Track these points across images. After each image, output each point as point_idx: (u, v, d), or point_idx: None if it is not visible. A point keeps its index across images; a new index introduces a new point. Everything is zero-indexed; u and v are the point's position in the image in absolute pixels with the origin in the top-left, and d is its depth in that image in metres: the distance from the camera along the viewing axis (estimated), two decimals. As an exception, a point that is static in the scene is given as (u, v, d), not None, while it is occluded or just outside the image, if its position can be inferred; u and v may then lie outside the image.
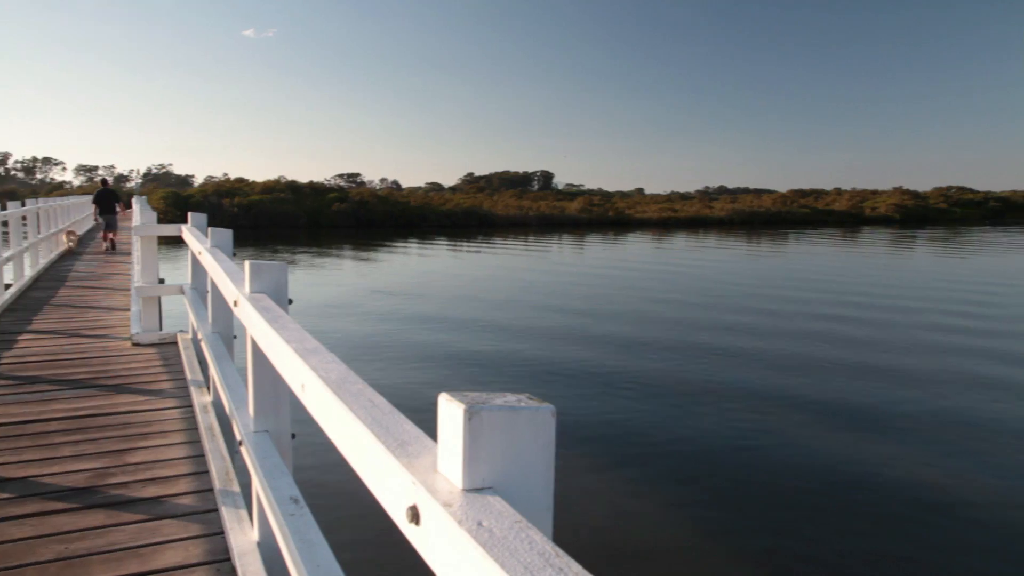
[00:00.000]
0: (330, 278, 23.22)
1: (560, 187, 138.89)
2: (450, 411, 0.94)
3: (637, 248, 41.51)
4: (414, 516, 0.96)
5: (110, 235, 17.16)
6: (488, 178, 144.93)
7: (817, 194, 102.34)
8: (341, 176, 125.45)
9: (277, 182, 63.66)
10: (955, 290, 21.63)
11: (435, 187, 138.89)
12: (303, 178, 74.82)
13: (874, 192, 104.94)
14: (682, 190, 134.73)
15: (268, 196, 56.97)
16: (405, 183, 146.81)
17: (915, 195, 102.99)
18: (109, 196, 17.97)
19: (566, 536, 5.44)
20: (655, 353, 12.18)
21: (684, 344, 12.96)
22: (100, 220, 18.01)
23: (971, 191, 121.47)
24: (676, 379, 10.54)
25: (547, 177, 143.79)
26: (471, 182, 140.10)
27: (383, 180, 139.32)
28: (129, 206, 26.22)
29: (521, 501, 0.92)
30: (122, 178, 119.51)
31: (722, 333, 14.03)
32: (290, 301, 2.79)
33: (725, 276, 25.69)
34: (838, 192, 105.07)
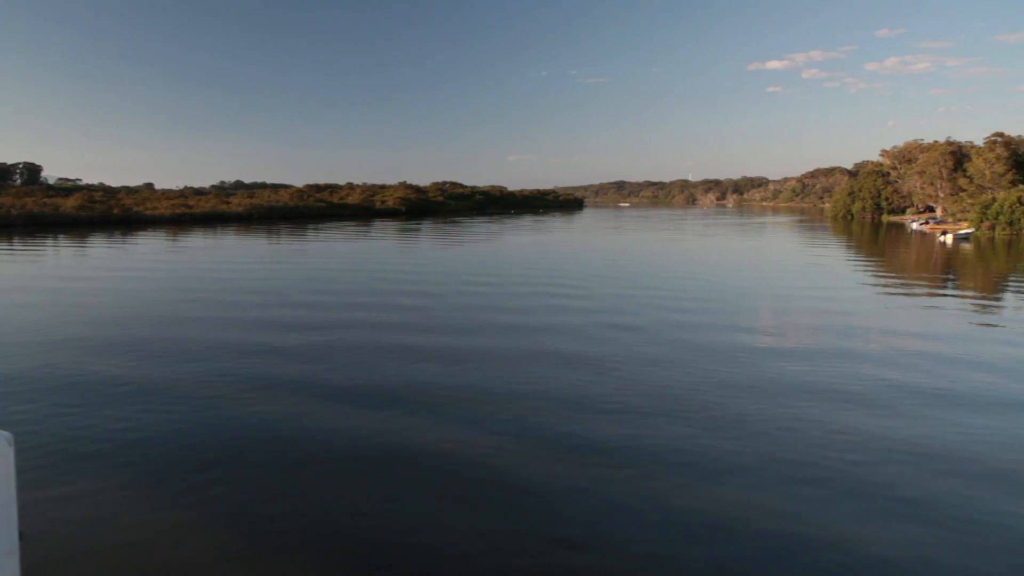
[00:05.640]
0: None
1: (52, 182, 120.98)
2: None
3: (147, 248, 39.14)
4: None
5: None
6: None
7: (332, 188, 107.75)
8: None
9: None
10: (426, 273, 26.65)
11: None
12: None
13: (383, 187, 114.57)
14: (197, 185, 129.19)
15: None
16: None
17: (417, 189, 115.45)
18: None
19: (53, 568, 5.28)
20: (163, 359, 12.00)
21: (196, 346, 12.90)
22: None
23: (461, 186, 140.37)
24: (186, 382, 10.51)
25: (34, 170, 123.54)
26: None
27: None
28: None
29: None
30: None
31: (239, 329, 14.44)
32: None
33: (246, 272, 26.31)
34: (351, 187, 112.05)
